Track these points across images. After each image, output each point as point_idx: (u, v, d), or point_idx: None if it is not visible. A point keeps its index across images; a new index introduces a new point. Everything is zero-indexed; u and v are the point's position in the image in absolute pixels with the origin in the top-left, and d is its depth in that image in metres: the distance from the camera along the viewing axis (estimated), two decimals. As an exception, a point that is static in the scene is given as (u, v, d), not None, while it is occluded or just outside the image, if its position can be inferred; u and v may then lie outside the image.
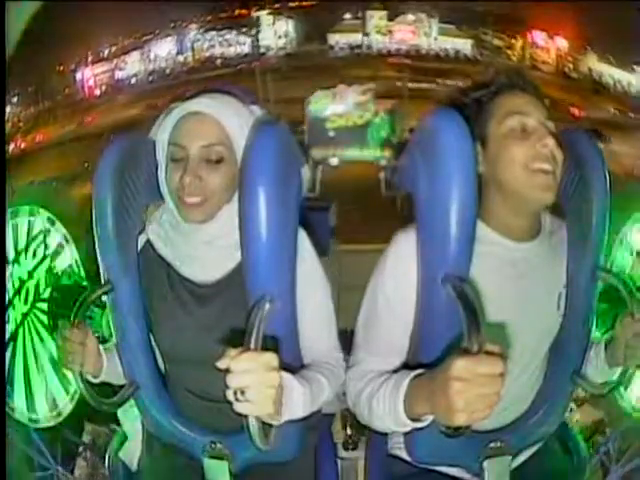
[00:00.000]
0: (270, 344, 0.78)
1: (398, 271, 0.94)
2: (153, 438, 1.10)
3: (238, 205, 0.89)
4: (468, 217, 0.85)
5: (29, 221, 1.55)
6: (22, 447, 1.64)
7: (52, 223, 1.53)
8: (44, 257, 1.56)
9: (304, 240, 0.97)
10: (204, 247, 0.96)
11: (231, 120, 0.94)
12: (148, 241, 1.01)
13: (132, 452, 1.16)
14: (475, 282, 0.88)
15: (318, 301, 0.99)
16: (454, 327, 0.83)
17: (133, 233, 0.99)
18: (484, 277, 0.90)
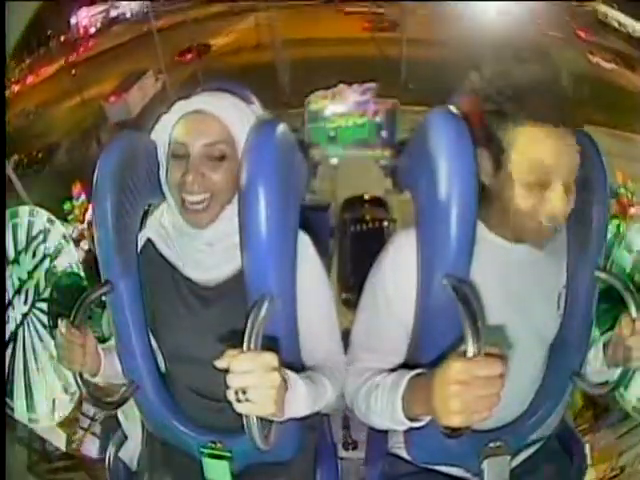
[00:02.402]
0: (270, 344, 0.78)
1: (398, 270, 0.94)
2: (153, 438, 1.10)
3: (238, 205, 0.89)
4: (468, 217, 0.85)
5: (29, 221, 1.55)
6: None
7: (52, 223, 1.53)
8: (44, 257, 1.56)
9: (306, 241, 0.97)
10: (207, 249, 0.96)
11: (233, 117, 0.93)
12: (149, 240, 1.01)
13: (132, 452, 1.16)
14: (475, 282, 0.88)
15: (319, 303, 0.99)
16: (454, 327, 0.83)
17: (133, 233, 0.99)
18: (483, 278, 0.90)
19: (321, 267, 0.99)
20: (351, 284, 2.22)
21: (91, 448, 1.83)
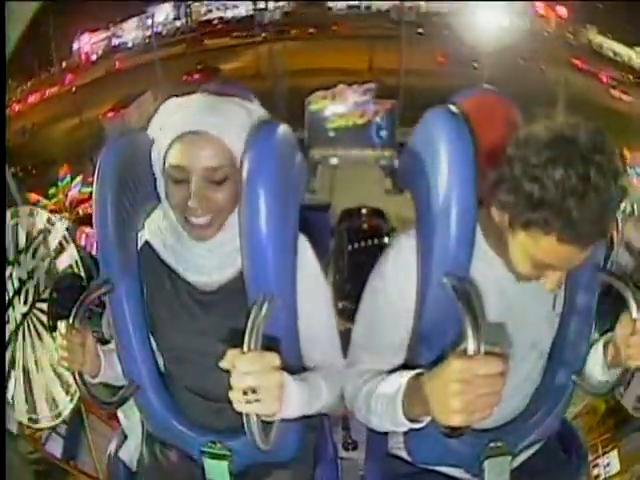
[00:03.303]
0: (270, 344, 0.78)
1: (399, 272, 0.94)
2: (153, 438, 1.10)
3: (238, 205, 0.89)
4: (468, 217, 0.85)
5: (29, 221, 1.56)
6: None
7: (52, 223, 1.54)
8: (44, 257, 1.56)
9: (304, 244, 0.97)
10: (207, 254, 0.95)
11: (234, 136, 0.89)
12: (147, 243, 1.00)
13: (132, 452, 1.16)
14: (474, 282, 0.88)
15: (318, 305, 0.99)
16: (453, 328, 0.83)
17: (133, 233, 0.98)
18: (482, 278, 0.90)
19: (319, 269, 0.99)
20: (347, 292, 2.23)
21: (55, 447, 1.81)
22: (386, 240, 2.56)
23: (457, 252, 0.85)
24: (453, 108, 0.90)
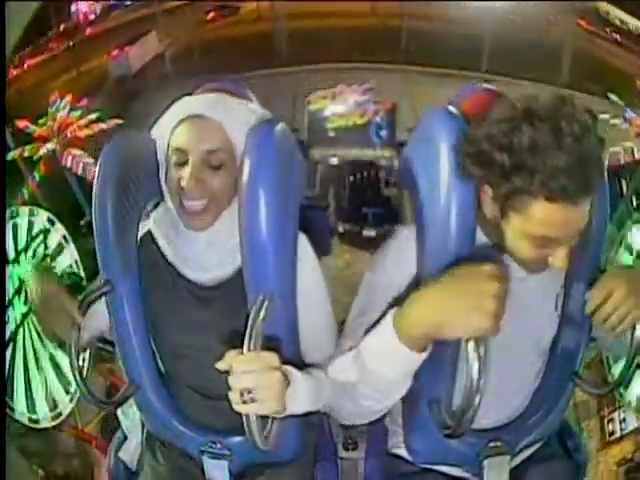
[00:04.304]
0: (270, 344, 0.78)
1: (400, 263, 0.93)
2: (153, 438, 1.10)
3: (238, 205, 0.89)
4: (468, 217, 0.85)
5: (29, 221, 1.56)
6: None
7: (52, 223, 1.54)
8: (44, 257, 1.56)
9: (304, 242, 0.97)
10: (205, 249, 0.96)
11: (233, 123, 0.92)
12: (150, 233, 1.00)
13: (132, 452, 1.16)
14: None
15: (317, 303, 0.99)
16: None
17: (133, 232, 0.98)
18: None
19: (318, 267, 0.99)
20: (348, 216, 2.35)
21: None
22: (383, 173, 2.73)
23: (458, 252, 0.85)
24: (452, 109, 0.91)
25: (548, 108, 0.76)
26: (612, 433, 1.68)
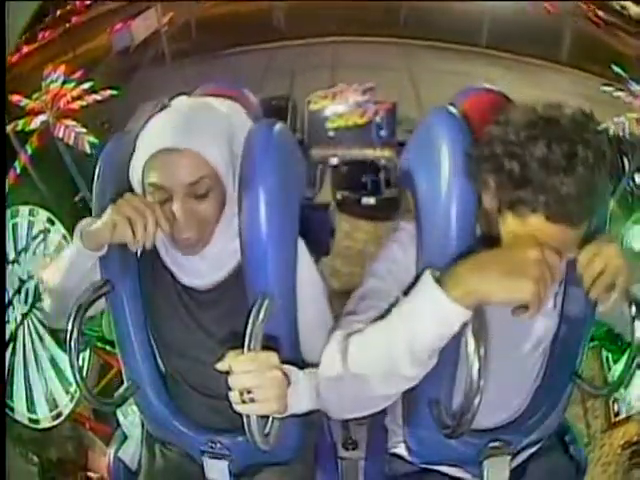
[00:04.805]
0: (270, 344, 0.78)
1: (400, 261, 0.92)
2: (153, 438, 1.10)
3: (238, 205, 0.89)
4: (469, 217, 0.85)
5: (29, 221, 1.56)
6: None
7: (52, 223, 1.54)
8: (44, 257, 1.56)
9: (300, 245, 0.96)
10: (200, 262, 0.94)
11: (212, 150, 0.86)
12: None
13: (132, 452, 1.16)
14: None
15: (315, 306, 0.98)
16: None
17: None
18: None
19: (314, 266, 0.99)
20: (346, 185, 2.44)
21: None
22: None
23: (457, 251, 0.85)
24: (452, 109, 0.91)
25: (568, 127, 0.74)
26: (617, 414, 1.62)
